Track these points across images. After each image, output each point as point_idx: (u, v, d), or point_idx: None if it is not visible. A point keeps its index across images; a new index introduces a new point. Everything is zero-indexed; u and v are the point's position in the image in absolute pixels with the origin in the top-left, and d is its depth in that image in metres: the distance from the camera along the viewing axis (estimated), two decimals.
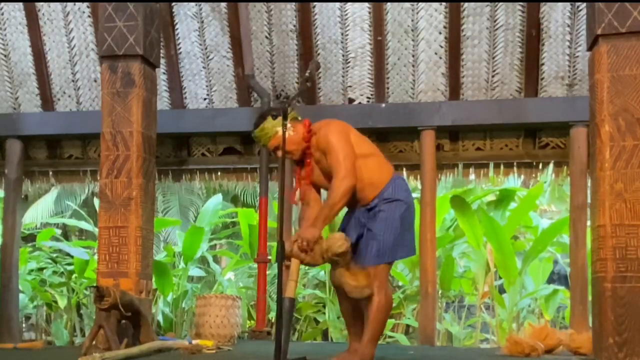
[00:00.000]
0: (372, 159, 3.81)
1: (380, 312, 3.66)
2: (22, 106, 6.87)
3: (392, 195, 3.73)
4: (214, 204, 9.67)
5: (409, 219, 3.80)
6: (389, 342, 8.12)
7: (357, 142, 3.78)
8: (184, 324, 8.50)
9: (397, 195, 3.74)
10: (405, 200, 3.77)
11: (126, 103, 4.91)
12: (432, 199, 6.16)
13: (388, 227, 3.69)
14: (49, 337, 8.93)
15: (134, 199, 4.85)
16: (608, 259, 3.99)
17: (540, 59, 6.00)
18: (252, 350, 5.01)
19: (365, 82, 6.34)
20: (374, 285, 3.64)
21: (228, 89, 6.60)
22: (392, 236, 3.67)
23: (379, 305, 3.64)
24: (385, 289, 3.70)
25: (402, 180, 3.92)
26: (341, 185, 3.61)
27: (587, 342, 4.64)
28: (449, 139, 6.37)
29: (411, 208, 3.82)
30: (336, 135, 3.71)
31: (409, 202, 3.79)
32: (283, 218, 3.51)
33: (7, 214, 6.71)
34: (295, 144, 3.75)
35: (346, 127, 3.82)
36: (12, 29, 6.68)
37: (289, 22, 6.32)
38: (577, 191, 5.84)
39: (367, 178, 3.73)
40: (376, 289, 3.64)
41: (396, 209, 3.71)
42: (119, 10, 4.95)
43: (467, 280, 8.57)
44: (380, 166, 3.83)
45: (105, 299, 4.27)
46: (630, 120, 4.05)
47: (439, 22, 6.08)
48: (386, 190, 3.74)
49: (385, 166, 3.86)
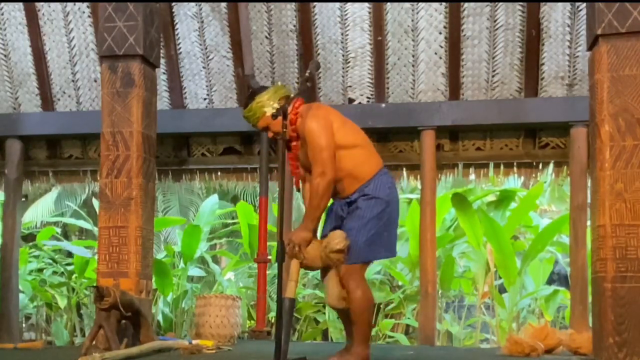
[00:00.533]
0: (358, 150, 3.68)
1: (361, 312, 3.60)
2: (22, 106, 6.87)
3: (372, 192, 3.62)
4: (211, 204, 9.67)
5: (390, 218, 3.67)
6: (389, 342, 8.13)
7: (342, 131, 3.64)
8: (184, 324, 8.50)
9: (378, 192, 3.62)
10: (386, 197, 3.64)
11: (126, 103, 4.91)
12: (432, 199, 6.16)
13: (362, 226, 3.58)
14: (49, 337, 8.93)
15: (134, 199, 4.85)
16: (608, 259, 3.98)
17: (540, 59, 6.00)
18: (252, 350, 5.01)
19: (365, 82, 6.34)
20: (349, 286, 3.57)
21: (228, 89, 6.60)
22: (365, 236, 3.57)
23: (357, 306, 3.58)
24: (362, 288, 3.60)
25: (386, 176, 3.75)
26: (320, 183, 3.53)
27: (587, 342, 4.64)
28: (449, 139, 6.36)
29: (392, 205, 3.68)
30: (315, 123, 3.57)
31: (389, 199, 3.66)
32: (283, 218, 3.50)
33: (7, 214, 6.70)
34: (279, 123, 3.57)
35: (329, 114, 3.68)
36: (12, 29, 6.67)
37: (289, 22, 6.32)
38: (577, 191, 5.84)
39: (349, 169, 3.62)
40: (351, 290, 3.57)
41: (374, 207, 3.60)
42: (119, 10, 4.95)
43: (467, 280, 8.57)
44: (366, 159, 3.69)
45: (105, 299, 4.27)
46: (630, 120, 4.05)
47: (439, 22, 6.08)
48: (368, 185, 3.63)
49: (371, 159, 3.72)
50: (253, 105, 3.73)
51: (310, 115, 3.62)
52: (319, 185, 3.54)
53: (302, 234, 3.60)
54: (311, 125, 3.58)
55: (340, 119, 3.72)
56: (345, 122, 3.73)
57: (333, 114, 3.71)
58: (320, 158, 3.54)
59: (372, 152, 3.79)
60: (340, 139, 3.62)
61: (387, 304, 8.36)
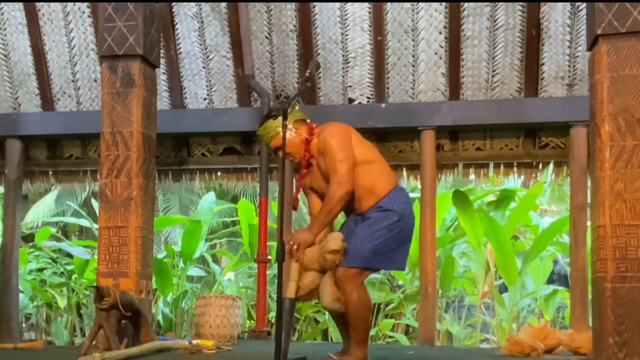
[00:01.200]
0: (375, 166, 3.72)
1: (357, 315, 3.58)
2: (22, 106, 6.87)
3: (385, 205, 3.63)
4: (208, 202, 9.66)
5: (401, 232, 3.66)
6: (389, 342, 8.13)
7: (360, 147, 3.69)
8: (184, 324, 8.50)
9: (392, 205, 3.63)
10: (399, 211, 3.64)
11: (126, 103, 4.91)
12: (432, 199, 6.17)
13: (370, 233, 3.59)
14: (49, 337, 8.93)
15: (134, 199, 4.85)
16: (608, 259, 3.98)
17: (540, 59, 6.00)
18: (252, 350, 5.00)
19: (365, 82, 6.34)
20: (345, 289, 3.55)
21: (228, 89, 6.60)
22: (371, 243, 3.57)
23: (353, 309, 3.56)
24: (358, 292, 3.57)
25: (402, 191, 3.78)
26: (337, 191, 3.55)
27: (587, 342, 4.64)
28: (449, 139, 6.37)
29: (405, 220, 3.67)
30: (336, 137, 3.63)
31: (403, 214, 3.66)
32: (283, 218, 3.50)
33: (7, 214, 6.71)
34: (296, 146, 3.70)
35: (348, 129, 3.73)
36: (12, 29, 6.68)
37: (289, 22, 6.32)
38: (577, 191, 5.84)
39: (368, 185, 3.64)
40: (347, 293, 3.55)
41: (385, 218, 3.61)
42: (119, 10, 4.95)
43: (467, 280, 8.57)
44: (383, 175, 3.73)
45: (105, 299, 4.27)
46: (630, 120, 4.05)
47: (439, 22, 6.08)
48: (383, 199, 3.65)
49: (388, 175, 3.76)
50: (268, 124, 3.75)
51: (329, 131, 3.67)
52: (336, 192, 3.56)
53: (305, 235, 3.61)
54: (330, 140, 3.62)
55: (357, 135, 3.77)
56: (362, 139, 3.79)
57: (351, 130, 3.76)
58: (340, 169, 3.57)
59: (387, 168, 3.83)
60: (359, 153, 3.66)
61: (387, 304, 8.36)
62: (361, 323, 3.63)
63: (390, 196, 3.67)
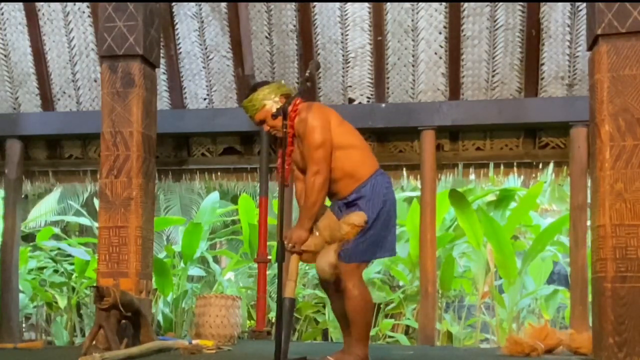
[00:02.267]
0: (355, 151, 3.69)
1: (358, 312, 3.61)
2: (22, 106, 6.87)
3: (369, 193, 3.62)
4: (212, 201, 9.66)
5: (387, 217, 3.67)
6: (389, 342, 8.13)
7: (339, 131, 3.66)
8: (184, 324, 8.50)
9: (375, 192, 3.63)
10: (383, 197, 3.64)
11: (126, 103, 4.91)
12: (432, 199, 6.16)
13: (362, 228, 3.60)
14: (49, 337, 8.93)
15: (134, 199, 4.85)
16: (608, 259, 3.99)
17: (540, 59, 6.00)
18: (252, 350, 5.01)
19: (365, 82, 6.34)
20: (347, 286, 3.58)
21: (228, 89, 6.60)
22: (364, 237, 3.58)
23: (354, 306, 3.59)
24: (359, 289, 3.61)
25: (382, 176, 3.74)
26: (315, 181, 3.55)
27: (587, 342, 4.64)
28: (449, 139, 6.37)
29: (389, 205, 3.67)
30: (314, 121, 3.59)
31: (386, 199, 3.66)
32: (283, 218, 3.50)
33: (7, 214, 6.71)
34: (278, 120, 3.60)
35: (327, 113, 3.69)
36: (12, 29, 6.68)
37: (289, 22, 6.32)
38: (577, 191, 5.85)
39: (348, 170, 3.63)
40: (348, 290, 3.58)
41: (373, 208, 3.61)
42: (119, 10, 4.95)
43: (467, 280, 8.57)
44: (363, 159, 3.70)
45: (105, 299, 4.27)
46: (630, 120, 4.05)
47: (439, 22, 6.08)
48: (365, 185, 3.63)
49: (367, 160, 3.73)
50: (254, 96, 3.75)
51: (309, 114, 3.63)
52: (314, 183, 3.56)
53: (298, 233, 3.62)
54: (309, 123, 3.60)
55: (338, 119, 3.73)
56: (342, 122, 3.75)
57: (331, 113, 3.72)
58: (316, 156, 3.56)
59: (368, 153, 3.81)
60: (338, 138, 3.64)
61: (387, 304, 8.37)
62: (362, 319, 3.65)
63: (371, 182, 3.65)
